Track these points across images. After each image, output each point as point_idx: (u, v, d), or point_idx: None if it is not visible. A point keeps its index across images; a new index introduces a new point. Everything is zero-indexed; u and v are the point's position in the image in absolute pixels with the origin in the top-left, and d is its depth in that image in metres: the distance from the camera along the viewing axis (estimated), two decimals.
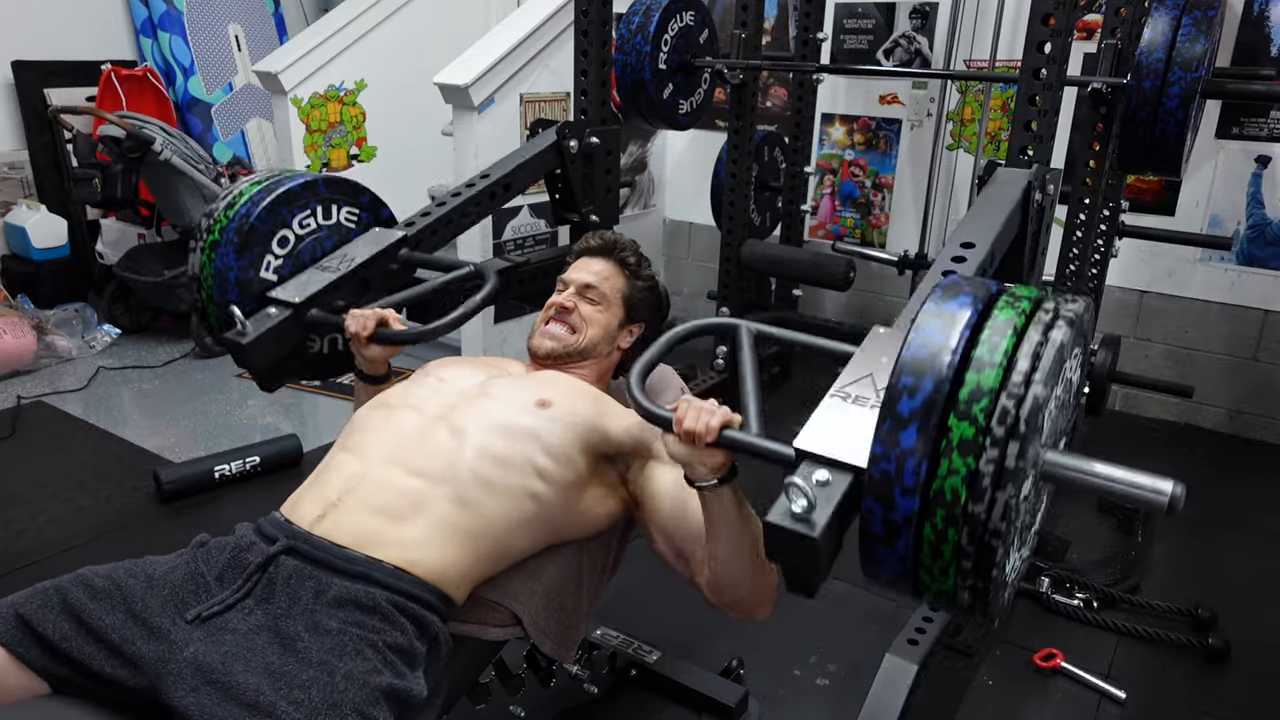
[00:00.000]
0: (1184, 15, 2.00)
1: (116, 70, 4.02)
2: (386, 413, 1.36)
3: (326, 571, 1.13)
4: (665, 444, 1.10)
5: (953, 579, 0.84)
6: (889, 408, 0.82)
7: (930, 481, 0.81)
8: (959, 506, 0.80)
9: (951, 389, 0.81)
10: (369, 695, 1.00)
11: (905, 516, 0.82)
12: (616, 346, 1.53)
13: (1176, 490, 0.83)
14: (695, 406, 1.06)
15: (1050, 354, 0.81)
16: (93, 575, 1.10)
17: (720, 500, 1.13)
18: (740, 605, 1.24)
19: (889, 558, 0.86)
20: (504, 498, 1.23)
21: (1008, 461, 0.79)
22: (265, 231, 1.58)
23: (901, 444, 0.81)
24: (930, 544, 0.82)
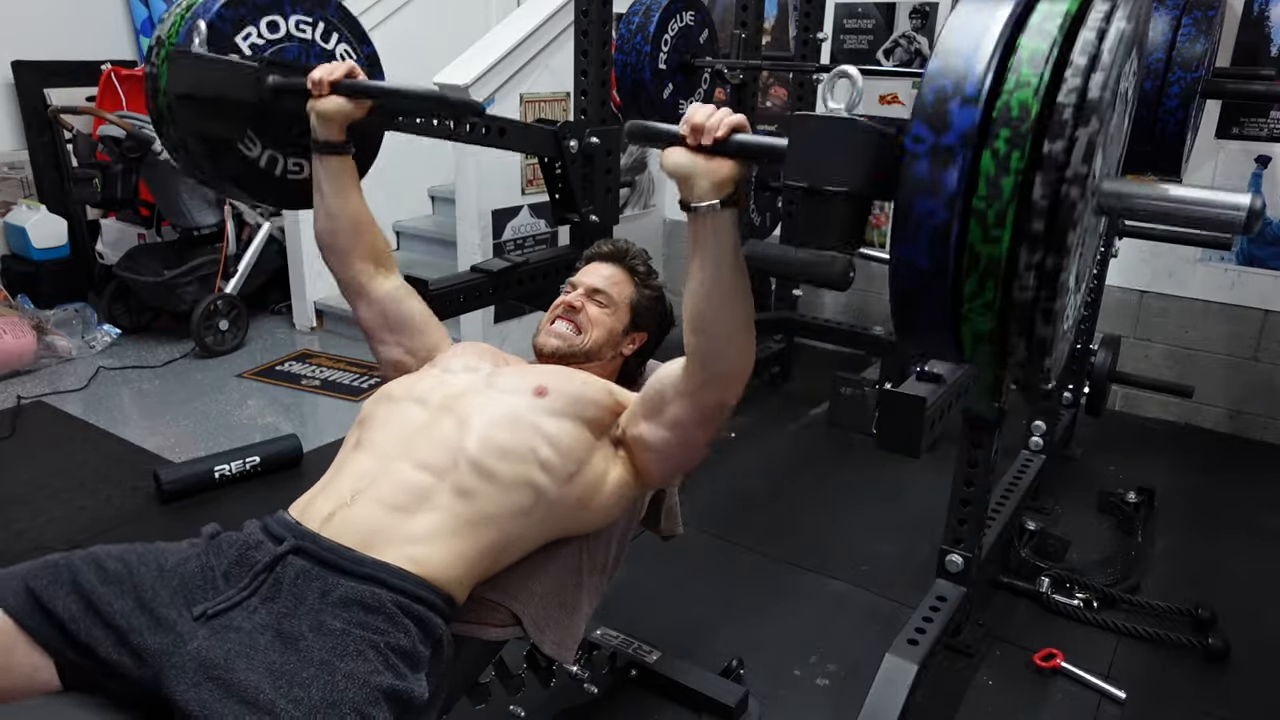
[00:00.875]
0: (1184, 15, 2.00)
1: (116, 70, 4.02)
2: (392, 407, 1.36)
3: (333, 572, 1.13)
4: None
5: (1008, 240, 0.68)
6: (949, 31, 0.72)
7: (994, 98, 0.69)
8: (1027, 122, 0.67)
9: (1023, 12, 0.70)
10: (369, 695, 1.00)
11: (962, 134, 0.68)
12: (619, 353, 1.54)
13: (1255, 204, 0.71)
14: (708, 106, 1.02)
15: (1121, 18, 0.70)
16: (105, 556, 1.10)
17: (718, 227, 1.07)
18: (720, 377, 1.20)
19: (930, 209, 0.70)
20: (505, 487, 1.23)
21: (1091, 93, 0.67)
22: (260, 4, 1.52)
23: (966, 50, 0.69)
24: (989, 179, 0.68)
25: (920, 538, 2.43)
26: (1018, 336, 0.72)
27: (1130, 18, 0.70)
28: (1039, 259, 0.69)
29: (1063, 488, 2.77)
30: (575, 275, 1.57)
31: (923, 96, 0.71)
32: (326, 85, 1.40)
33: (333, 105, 1.42)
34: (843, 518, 2.66)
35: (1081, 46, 0.68)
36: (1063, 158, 0.66)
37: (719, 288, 1.12)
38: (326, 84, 1.40)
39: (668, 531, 1.65)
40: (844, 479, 2.90)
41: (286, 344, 3.99)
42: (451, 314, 2.11)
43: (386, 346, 1.54)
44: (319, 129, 1.45)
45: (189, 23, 1.48)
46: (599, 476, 1.32)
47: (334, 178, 1.47)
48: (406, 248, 4.32)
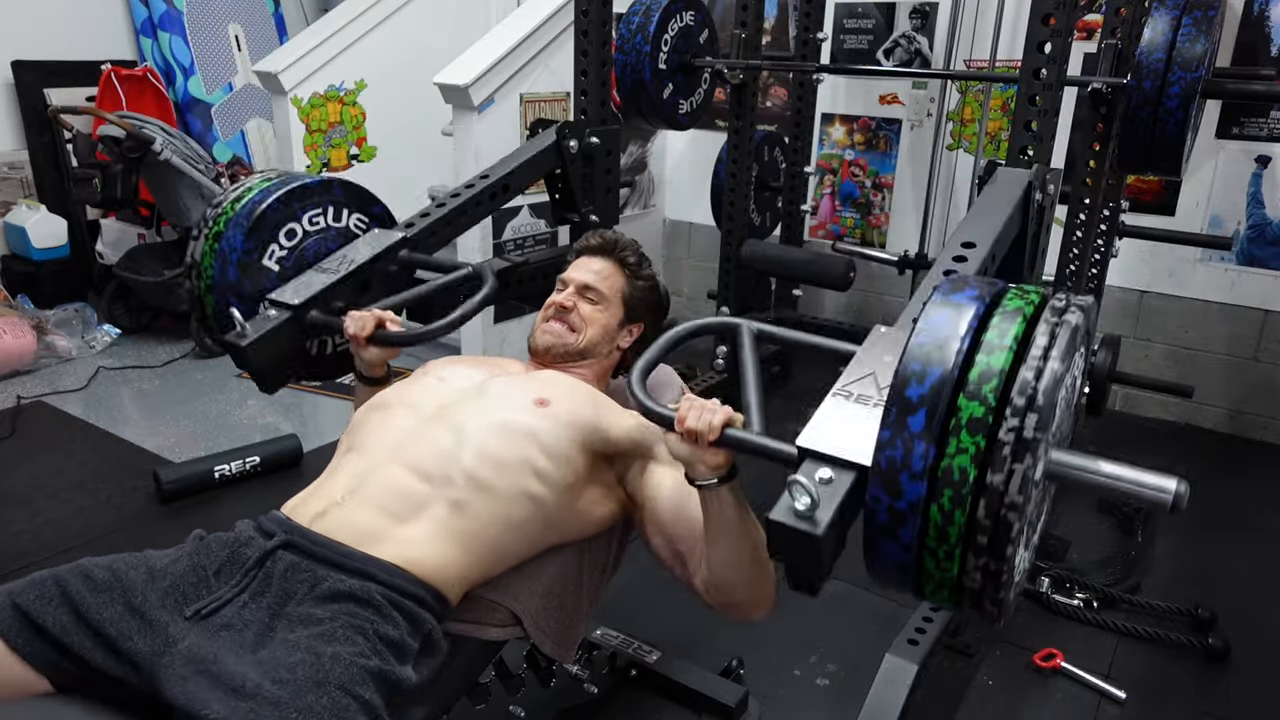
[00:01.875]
0: (1184, 15, 2.00)
1: (116, 70, 4.02)
2: (384, 413, 1.36)
3: (323, 566, 1.13)
4: (666, 443, 1.10)
5: (957, 564, 0.83)
6: (897, 394, 0.83)
7: (938, 463, 0.81)
8: (966, 485, 0.79)
9: (961, 372, 0.81)
10: (355, 675, 1.00)
11: (911, 502, 0.82)
12: (616, 346, 1.53)
13: (1180, 489, 0.84)
14: (697, 405, 1.06)
15: (1065, 335, 0.82)
16: (92, 566, 1.10)
17: (720, 500, 1.13)
18: (737, 608, 1.24)
19: (893, 550, 0.85)
20: (501, 499, 1.23)
21: (1025, 432, 0.78)
22: (275, 221, 1.59)
23: (910, 428, 0.81)
24: (937, 526, 0.82)
25: None
26: (971, 601, 0.88)
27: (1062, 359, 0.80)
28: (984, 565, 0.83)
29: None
30: (566, 271, 1.56)
31: (878, 462, 0.83)
32: (363, 340, 1.46)
33: (372, 355, 1.49)
34: None
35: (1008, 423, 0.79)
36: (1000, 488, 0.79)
37: (729, 544, 1.17)
38: (363, 340, 1.46)
39: None
40: None
41: None
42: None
43: None
44: (363, 369, 1.53)
45: (215, 293, 1.56)
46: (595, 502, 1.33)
47: (375, 394, 1.52)
48: None
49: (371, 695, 1.00)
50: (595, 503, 1.33)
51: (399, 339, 1.48)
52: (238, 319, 1.50)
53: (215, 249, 1.55)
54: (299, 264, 1.64)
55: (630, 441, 1.34)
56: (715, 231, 3.32)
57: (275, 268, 1.60)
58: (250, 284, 1.58)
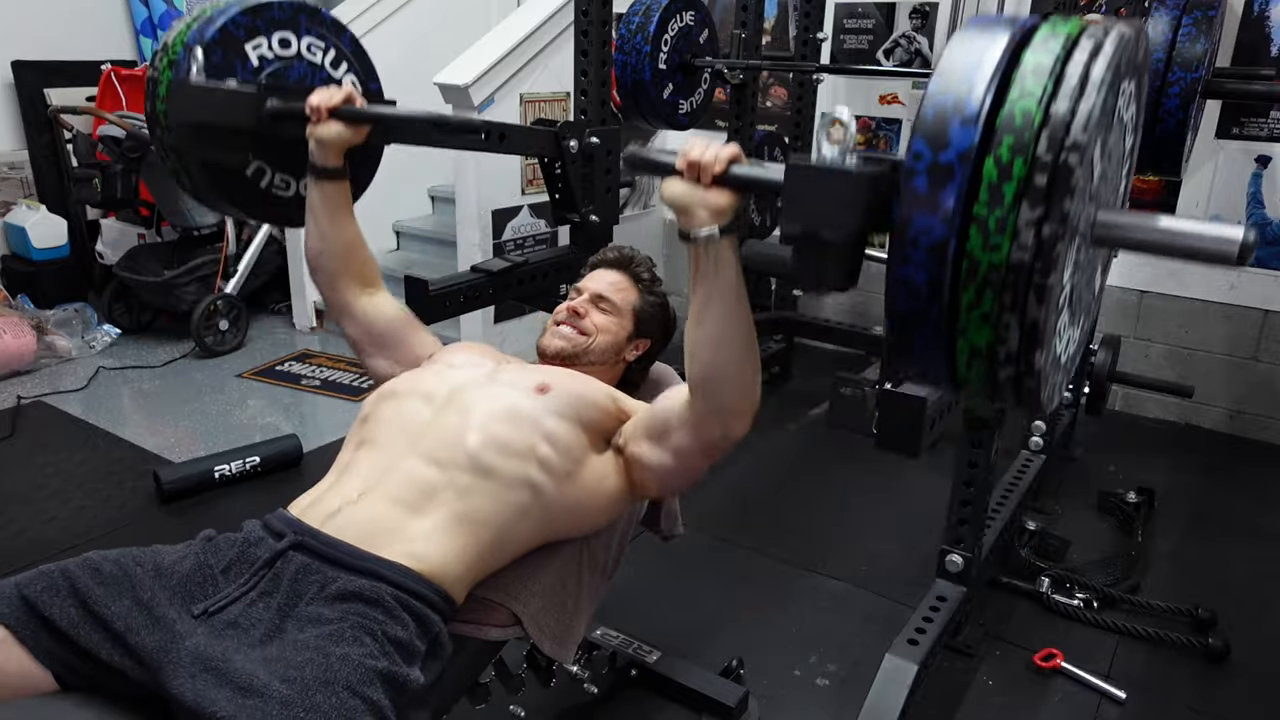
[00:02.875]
0: (1184, 15, 2.00)
1: (116, 70, 4.02)
2: (397, 404, 1.36)
3: (333, 567, 1.13)
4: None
5: (1009, 238, 0.69)
6: (955, 43, 0.72)
7: (997, 109, 0.70)
8: (1030, 130, 0.68)
9: (1025, 34, 0.72)
10: (364, 675, 1.00)
11: (961, 152, 0.69)
12: (622, 358, 1.54)
13: (1248, 237, 0.72)
14: (703, 141, 1.03)
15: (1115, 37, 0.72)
16: (100, 560, 1.10)
17: (718, 256, 1.07)
18: (723, 410, 1.20)
19: (929, 224, 0.71)
20: (503, 485, 1.23)
21: (1094, 70, 0.68)
22: (278, 18, 1.52)
23: (964, 77, 0.70)
24: (990, 184, 0.69)
25: (920, 538, 2.42)
26: (1014, 350, 0.73)
27: (1121, 42, 0.71)
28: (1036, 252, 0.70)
29: (1063, 488, 2.77)
30: (580, 281, 1.58)
31: (923, 114, 0.71)
32: (325, 111, 1.40)
33: (331, 132, 1.41)
34: (843, 518, 2.66)
35: (1077, 64, 0.69)
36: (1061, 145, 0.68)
37: (721, 317, 1.12)
38: (325, 110, 1.40)
39: (668, 532, 1.65)
40: (844, 479, 2.90)
41: (286, 344, 3.99)
42: (451, 314, 2.11)
43: (373, 359, 1.55)
44: (316, 154, 1.44)
45: (193, 36, 1.47)
46: (596, 481, 1.33)
47: (329, 202, 1.47)
48: (406, 248, 4.31)
49: (379, 696, 1.01)
50: (599, 480, 1.32)
51: (364, 114, 1.41)
52: (198, 60, 1.39)
53: (197, 20, 1.46)
54: (281, 74, 1.55)
55: (614, 403, 1.37)
56: None
57: (255, 62, 1.50)
58: (222, 57, 1.46)
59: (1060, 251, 0.69)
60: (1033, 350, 0.72)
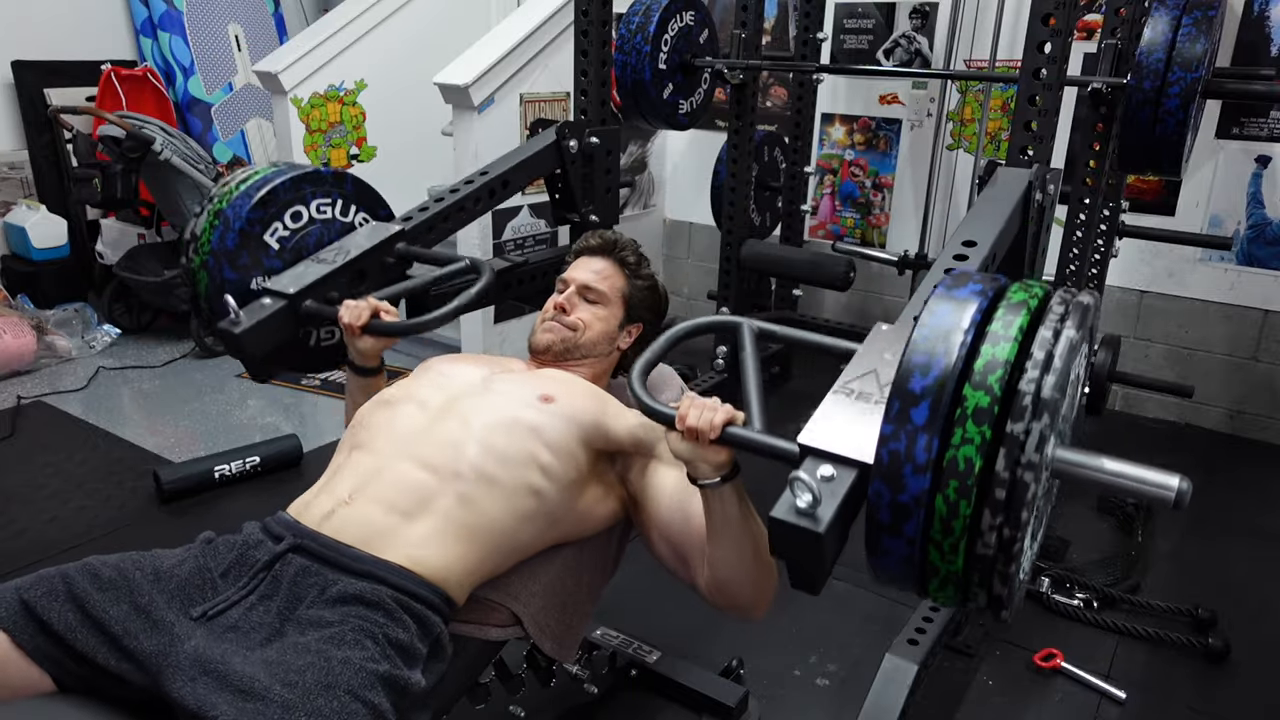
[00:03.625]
0: (1184, 15, 2.00)
1: (116, 70, 4.02)
2: (390, 410, 1.36)
3: (332, 569, 1.13)
4: (668, 441, 1.10)
5: (962, 558, 0.82)
6: (900, 387, 0.82)
7: (942, 455, 0.80)
8: (972, 476, 0.78)
9: (965, 363, 0.80)
10: (365, 679, 1.00)
11: (915, 496, 0.81)
12: (616, 346, 1.53)
13: (1183, 485, 0.84)
14: (699, 404, 1.07)
15: (1070, 328, 0.81)
16: (100, 565, 1.10)
17: (722, 498, 1.13)
18: (739, 607, 1.25)
19: (896, 545, 0.84)
20: (506, 494, 1.23)
21: (1032, 423, 0.77)
22: (285, 200, 1.59)
23: (913, 420, 0.80)
24: (941, 518, 0.81)
25: None
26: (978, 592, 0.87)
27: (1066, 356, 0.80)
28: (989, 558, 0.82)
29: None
30: (566, 271, 1.56)
31: (880, 456, 0.83)
32: (357, 329, 1.46)
33: (367, 345, 1.48)
34: None
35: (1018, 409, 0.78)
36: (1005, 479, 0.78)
37: (732, 544, 1.17)
38: (357, 329, 1.45)
39: None
40: None
41: None
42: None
43: None
44: (355, 358, 1.51)
45: (208, 282, 1.55)
46: (597, 500, 1.33)
47: (367, 390, 1.52)
48: None
49: (380, 700, 1.01)
50: (597, 501, 1.33)
51: (394, 329, 1.47)
52: (232, 306, 1.48)
53: (217, 220, 1.54)
54: (298, 251, 1.63)
55: (632, 439, 1.34)
56: (715, 231, 3.32)
57: (275, 246, 1.59)
58: (248, 256, 1.56)
59: (1018, 550, 0.81)
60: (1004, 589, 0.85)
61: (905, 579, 0.88)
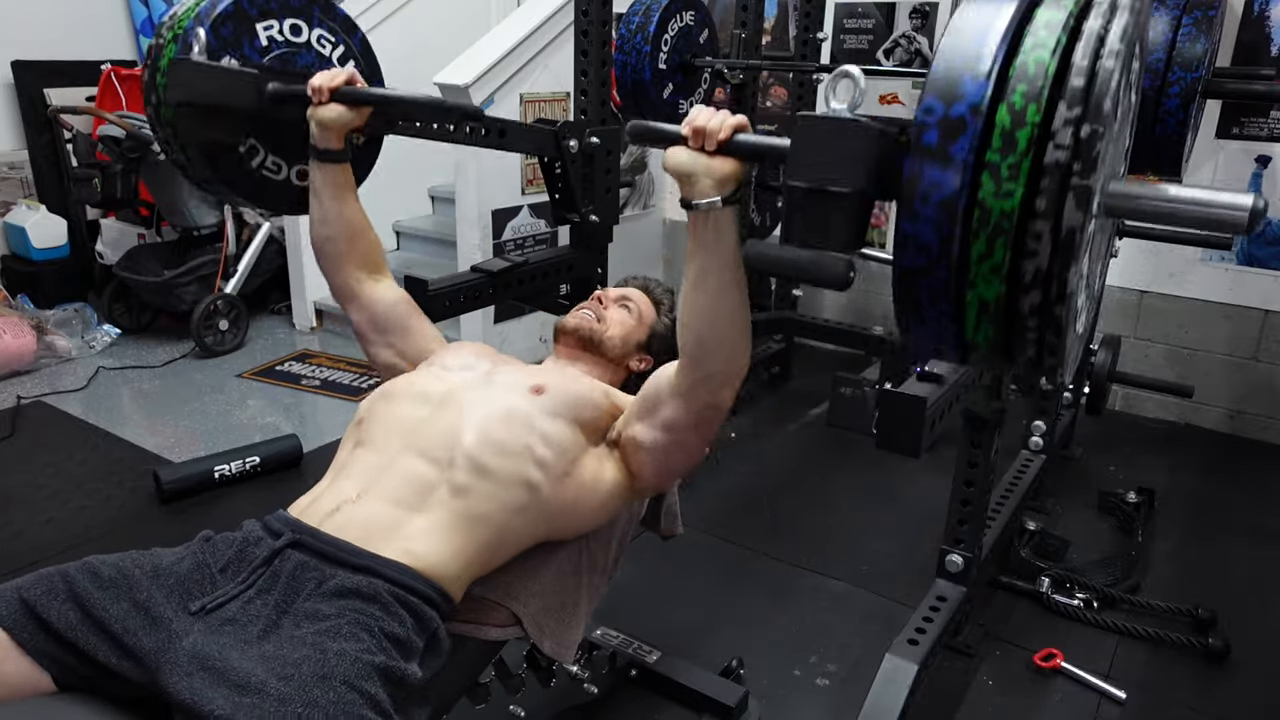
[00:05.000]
0: (1184, 15, 2.00)
1: (116, 70, 4.02)
2: (393, 404, 1.37)
3: (330, 564, 1.14)
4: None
5: (1023, 185, 0.68)
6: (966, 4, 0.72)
7: (1009, 61, 0.70)
8: (1045, 79, 0.68)
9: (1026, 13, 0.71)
10: (361, 670, 1.00)
11: (973, 104, 0.69)
12: (626, 365, 1.56)
13: (1257, 204, 0.71)
14: (709, 109, 1.04)
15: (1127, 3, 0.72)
16: (99, 564, 1.11)
17: (719, 225, 1.07)
18: (712, 378, 1.20)
19: (938, 176, 0.70)
20: (501, 485, 1.24)
21: (1108, 43, 0.67)
22: (292, 5, 1.53)
23: (980, 24, 0.71)
24: (1004, 131, 0.68)
25: (920, 538, 2.43)
26: (1030, 304, 0.71)
27: (1133, 9, 0.71)
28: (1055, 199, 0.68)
29: (1063, 488, 2.77)
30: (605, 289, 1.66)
31: (934, 72, 0.71)
32: (326, 92, 1.40)
33: (332, 113, 1.42)
34: (843, 518, 2.66)
35: (1089, 29, 0.69)
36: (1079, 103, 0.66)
37: (717, 285, 1.13)
38: (326, 90, 1.40)
39: (668, 531, 1.65)
40: (844, 479, 2.90)
41: (286, 344, 3.99)
42: (451, 314, 2.11)
43: (377, 348, 1.56)
44: (318, 136, 1.45)
45: (191, 23, 1.47)
46: (593, 477, 1.33)
47: (332, 185, 1.48)
48: (406, 248, 4.32)
49: (377, 690, 1.01)
50: (593, 481, 1.33)
51: (366, 96, 1.41)
52: (201, 40, 1.38)
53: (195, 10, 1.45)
54: (288, 59, 1.55)
55: (606, 398, 1.38)
56: None
57: (263, 41, 1.51)
58: (231, 29, 1.46)
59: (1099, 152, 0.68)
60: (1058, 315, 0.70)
61: (942, 247, 0.72)
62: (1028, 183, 0.68)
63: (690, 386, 1.22)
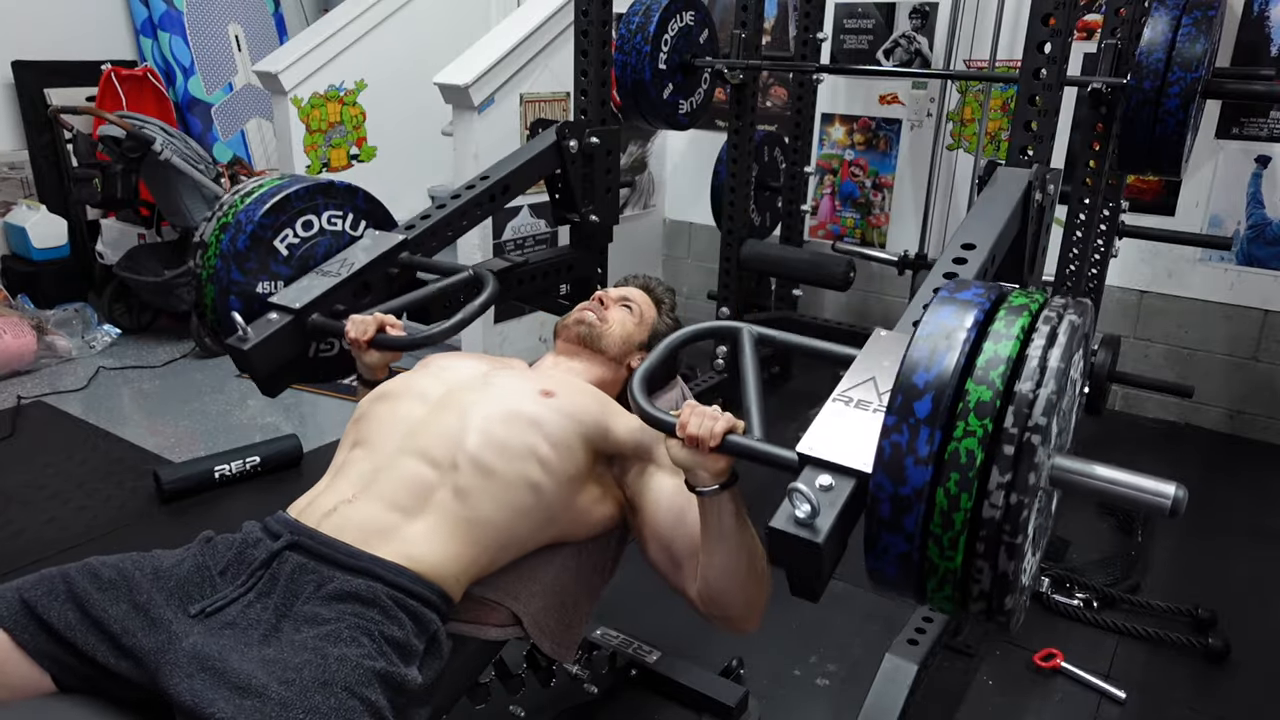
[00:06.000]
0: (1184, 15, 2.00)
1: (116, 70, 4.02)
2: (391, 404, 1.36)
3: (329, 566, 1.14)
4: (667, 448, 1.11)
5: (962, 554, 0.81)
6: (903, 382, 0.82)
7: (944, 448, 0.80)
8: (973, 469, 0.79)
9: (968, 359, 0.81)
10: (361, 676, 1.00)
11: (916, 488, 0.81)
12: (628, 365, 1.55)
13: (1179, 494, 0.84)
14: (699, 411, 1.07)
15: (1066, 329, 0.82)
16: (100, 565, 1.11)
17: (720, 507, 1.13)
18: (730, 618, 1.25)
19: (895, 542, 0.84)
20: (503, 486, 1.23)
21: (1034, 417, 0.78)
22: (298, 207, 1.62)
23: (916, 413, 0.81)
24: (942, 511, 0.80)
25: None
26: (976, 602, 0.86)
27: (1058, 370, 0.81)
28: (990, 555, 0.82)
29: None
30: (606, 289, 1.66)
31: (882, 448, 0.83)
32: (364, 344, 1.48)
33: (374, 359, 1.50)
34: None
35: (1018, 404, 0.79)
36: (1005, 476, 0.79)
37: (726, 555, 1.17)
38: (364, 344, 1.48)
39: None
40: None
41: None
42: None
43: None
44: (365, 372, 1.54)
45: (219, 266, 1.57)
46: (594, 501, 1.33)
47: None
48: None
49: (377, 697, 1.01)
50: (594, 502, 1.33)
51: (400, 343, 1.49)
52: (239, 322, 1.51)
53: (228, 225, 1.56)
54: (305, 260, 1.66)
55: (632, 441, 1.34)
56: (715, 231, 3.32)
57: (284, 252, 1.62)
58: (256, 260, 1.58)
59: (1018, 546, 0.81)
60: (1004, 591, 0.84)
61: (904, 580, 0.87)
62: (966, 550, 0.81)
63: (709, 614, 1.26)
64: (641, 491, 1.33)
